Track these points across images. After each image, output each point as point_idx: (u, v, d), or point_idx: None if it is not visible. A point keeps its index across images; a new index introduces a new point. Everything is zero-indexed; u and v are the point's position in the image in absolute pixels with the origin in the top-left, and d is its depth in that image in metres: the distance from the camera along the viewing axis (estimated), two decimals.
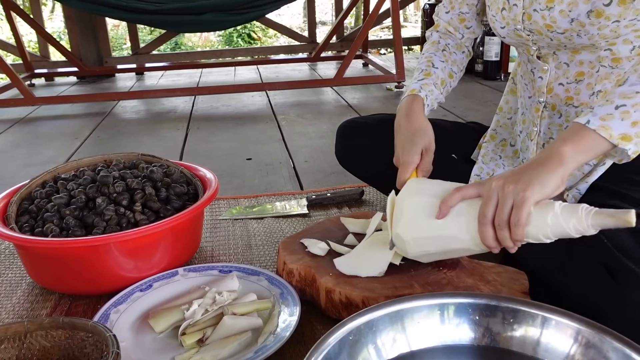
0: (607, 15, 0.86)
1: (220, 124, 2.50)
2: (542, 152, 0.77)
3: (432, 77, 1.10)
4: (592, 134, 0.74)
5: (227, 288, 0.98)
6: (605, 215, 0.69)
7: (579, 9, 0.87)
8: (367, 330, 0.71)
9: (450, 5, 1.17)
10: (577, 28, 0.89)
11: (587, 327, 0.67)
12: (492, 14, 1.03)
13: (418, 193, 0.88)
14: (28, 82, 3.45)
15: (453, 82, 1.15)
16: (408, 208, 0.86)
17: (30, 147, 2.22)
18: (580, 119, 0.76)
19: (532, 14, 0.94)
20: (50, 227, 1.04)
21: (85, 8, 2.97)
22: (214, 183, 1.18)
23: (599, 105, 0.75)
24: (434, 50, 1.15)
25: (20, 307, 1.04)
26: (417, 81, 1.09)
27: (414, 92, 1.07)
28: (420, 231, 0.85)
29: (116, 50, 6.55)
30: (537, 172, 0.74)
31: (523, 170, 0.75)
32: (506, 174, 0.76)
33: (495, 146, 1.18)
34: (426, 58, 1.14)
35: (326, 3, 8.13)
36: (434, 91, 1.09)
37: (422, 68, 1.12)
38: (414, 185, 0.91)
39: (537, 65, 1.01)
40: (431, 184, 0.90)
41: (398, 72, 2.96)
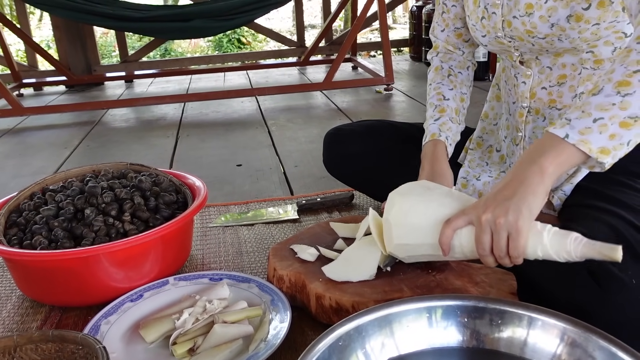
0: (587, 18, 0.87)
1: (210, 131, 2.50)
2: (520, 166, 0.76)
3: (447, 112, 1.11)
4: (571, 148, 0.72)
5: (218, 296, 0.98)
6: (594, 249, 0.71)
7: (558, 13, 0.88)
8: (356, 335, 0.71)
9: (444, 24, 1.17)
10: (558, 32, 0.90)
11: (573, 327, 0.68)
12: (472, 24, 1.04)
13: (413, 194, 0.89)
14: (16, 92, 3.44)
15: (466, 104, 1.16)
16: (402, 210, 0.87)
17: (20, 158, 2.21)
18: (557, 130, 0.73)
19: (512, 20, 0.95)
20: (38, 240, 1.03)
21: (72, 17, 2.97)
22: (203, 191, 1.18)
23: (576, 118, 0.73)
24: (440, 79, 1.16)
25: (10, 320, 1.03)
26: (434, 121, 1.10)
27: (435, 136, 1.08)
28: (415, 239, 0.86)
29: (105, 58, 6.52)
30: (522, 195, 0.73)
31: (508, 196, 0.74)
32: (491, 201, 0.75)
33: (482, 153, 1.18)
34: (435, 90, 1.15)
35: (315, 6, 8.15)
36: (452, 128, 1.10)
37: (435, 104, 1.13)
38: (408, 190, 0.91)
39: (520, 71, 1.02)
40: (421, 188, 0.91)
41: (387, 74, 2.97)
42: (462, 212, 0.80)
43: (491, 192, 0.78)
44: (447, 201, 0.85)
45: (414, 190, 0.89)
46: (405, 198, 0.87)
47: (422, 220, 0.84)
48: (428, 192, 0.88)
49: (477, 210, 0.77)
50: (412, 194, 0.88)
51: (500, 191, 0.76)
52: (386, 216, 0.89)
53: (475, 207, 0.78)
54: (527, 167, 0.74)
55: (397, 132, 1.29)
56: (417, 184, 0.93)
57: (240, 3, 2.97)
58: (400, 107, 2.77)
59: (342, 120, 2.53)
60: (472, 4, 1.03)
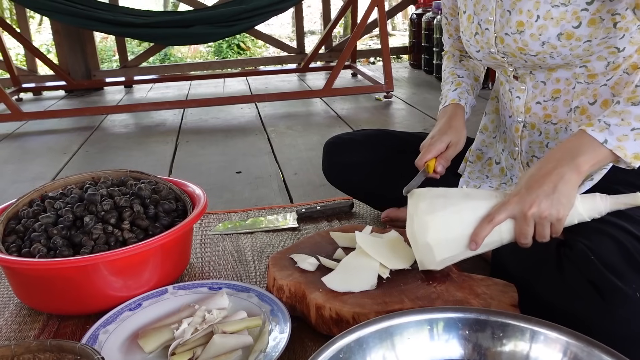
0: (578, 36, 0.87)
1: (210, 137, 2.50)
2: (558, 161, 0.81)
3: (463, 85, 1.17)
4: (607, 152, 0.79)
5: (217, 306, 0.98)
6: (618, 202, 0.84)
7: (548, 32, 0.89)
8: (357, 347, 0.71)
9: (448, 34, 1.23)
10: (550, 50, 0.90)
11: (576, 341, 0.67)
12: (466, 39, 1.06)
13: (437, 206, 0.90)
14: (16, 96, 3.43)
15: (478, 85, 1.22)
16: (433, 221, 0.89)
17: (19, 163, 2.21)
18: (596, 134, 0.80)
19: (504, 37, 0.95)
20: (37, 247, 1.03)
21: (73, 23, 2.97)
22: (203, 199, 1.17)
23: (615, 124, 0.79)
24: (453, 63, 1.23)
25: (7, 328, 1.03)
26: (453, 91, 1.16)
27: (455, 101, 1.14)
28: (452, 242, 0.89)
29: (105, 63, 6.52)
30: (563, 191, 0.80)
31: (549, 191, 0.80)
32: (534, 197, 0.80)
33: (482, 166, 1.19)
34: (449, 72, 1.22)
35: (315, 12, 8.17)
36: (469, 98, 1.16)
37: (450, 80, 1.19)
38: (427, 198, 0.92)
39: (514, 86, 1.02)
40: (438, 193, 0.92)
41: (387, 82, 2.97)
42: (501, 207, 0.84)
43: (527, 184, 0.82)
44: (474, 204, 0.88)
45: (435, 204, 0.89)
46: (435, 216, 0.88)
47: (459, 231, 0.87)
48: (450, 201, 0.89)
49: (521, 206, 0.82)
50: (437, 209, 0.88)
51: (540, 186, 0.80)
52: (423, 240, 0.89)
53: (517, 202, 0.82)
54: (566, 164, 0.80)
55: (398, 142, 1.29)
56: (428, 195, 0.92)
57: (240, 10, 2.98)
58: (400, 114, 2.77)
59: (341, 127, 2.53)
60: (466, 20, 1.04)
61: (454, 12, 1.17)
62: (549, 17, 0.88)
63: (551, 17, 0.88)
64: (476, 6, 1.01)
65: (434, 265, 0.93)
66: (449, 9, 1.18)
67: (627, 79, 0.91)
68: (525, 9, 0.90)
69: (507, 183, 1.12)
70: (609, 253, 0.79)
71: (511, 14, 0.93)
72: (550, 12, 0.88)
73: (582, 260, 0.79)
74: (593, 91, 0.93)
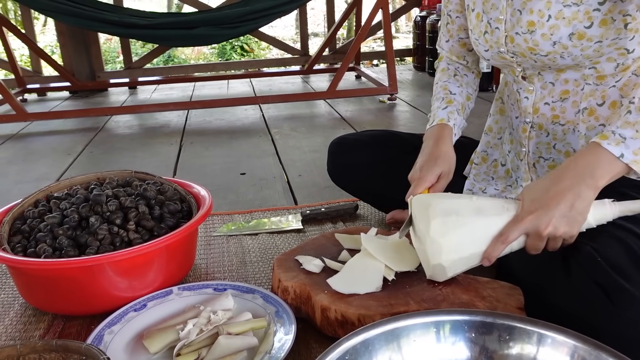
0: (589, 36, 0.87)
1: (214, 138, 2.50)
2: (573, 176, 0.80)
3: (454, 104, 1.13)
4: (623, 166, 0.79)
5: (222, 307, 0.98)
6: (626, 208, 0.84)
7: (560, 32, 0.88)
8: (363, 349, 0.70)
9: (448, 34, 1.19)
10: (560, 50, 0.90)
11: (583, 344, 0.67)
12: (474, 38, 1.05)
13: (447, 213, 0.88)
14: (20, 97, 3.44)
15: (471, 104, 1.19)
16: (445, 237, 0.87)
17: (23, 164, 2.21)
18: (612, 148, 0.79)
19: (515, 37, 0.95)
20: (43, 247, 1.03)
21: (78, 24, 2.98)
22: (208, 200, 1.17)
23: (631, 137, 0.79)
24: (447, 77, 1.19)
25: (13, 328, 1.03)
26: (442, 109, 1.12)
27: (443, 121, 1.11)
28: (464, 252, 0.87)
29: (109, 64, 6.54)
30: (579, 209, 0.80)
31: (565, 210, 0.80)
32: (550, 215, 0.80)
33: (487, 168, 1.18)
34: (442, 87, 1.18)
35: (318, 14, 8.18)
36: (458, 119, 1.13)
37: (441, 96, 1.16)
38: (432, 204, 0.90)
39: (522, 86, 1.02)
40: (449, 199, 0.90)
41: (390, 84, 2.97)
42: (514, 225, 0.83)
43: (543, 201, 0.81)
44: (487, 221, 0.86)
45: (448, 224, 0.86)
46: (448, 238, 0.86)
47: (472, 250, 0.87)
48: (463, 219, 0.86)
49: (536, 224, 0.81)
50: (450, 229, 0.86)
51: (557, 205, 0.80)
52: (437, 261, 0.89)
53: (533, 221, 0.81)
54: (583, 182, 0.80)
55: (402, 143, 1.29)
56: (438, 209, 0.88)
57: (244, 11, 2.98)
58: (404, 117, 2.77)
59: (345, 129, 2.53)
60: (475, 18, 1.03)
61: (461, 8, 1.13)
62: (560, 16, 0.88)
63: (563, 16, 0.87)
64: (485, 4, 1.00)
65: (443, 279, 0.93)
66: (455, 6, 1.14)
67: (635, 80, 0.91)
68: (536, 8, 0.90)
69: (512, 185, 1.12)
70: (616, 255, 0.78)
71: (522, 14, 0.93)
72: (562, 12, 0.87)
73: (589, 262, 0.79)
74: (602, 92, 0.93)
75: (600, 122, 0.94)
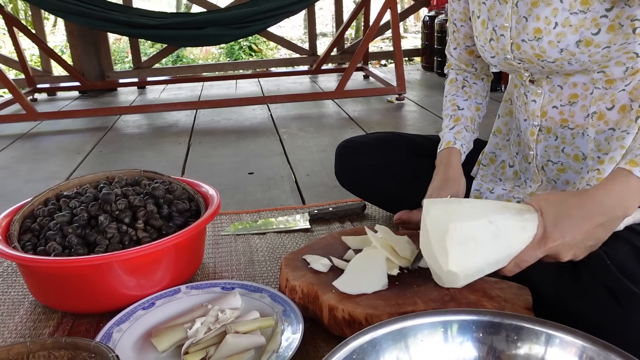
0: (597, 43, 0.86)
1: (222, 138, 2.51)
2: (604, 212, 0.77)
3: (462, 121, 1.15)
4: None
5: (230, 306, 0.98)
6: None
7: (567, 39, 0.88)
8: (370, 349, 0.70)
9: (455, 42, 1.19)
10: (568, 57, 0.89)
11: (592, 345, 0.67)
12: (480, 44, 1.04)
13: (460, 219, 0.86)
14: (30, 97, 3.47)
15: (481, 113, 1.20)
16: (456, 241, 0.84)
17: (33, 163, 2.23)
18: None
19: (521, 44, 0.94)
20: (52, 246, 1.04)
21: (88, 24, 3.00)
22: (216, 199, 1.18)
23: None
24: (455, 90, 1.20)
25: (22, 326, 1.04)
26: (450, 130, 1.14)
27: (450, 144, 1.13)
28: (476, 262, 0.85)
29: (118, 64, 6.58)
30: (604, 237, 0.79)
31: (589, 241, 0.79)
32: (573, 245, 0.79)
33: (495, 169, 1.18)
34: (450, 102, 1.19)
35: (327, 14, 8.18)
36: (467, 136, 1.14)
37: (450, 114, 1.17)
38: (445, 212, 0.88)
39: (530, 89, 1.01)
40: (466, 222, 0.85)
41: (399, 84, 2.97)
42: (533, 250, 0.81)
43: (568, 232, 0.79)
44: (505, 245, 0.83)
45: (467, 252, 0.84)
46: (466, 267, 0.85)
47: (487, 271, 0.86)
48: (481, 247, 0.83)
49: (556, 252, 0.80)
50: (469, 259, 0.84)
51: (583, 240, 0.79)
52: (452, 285, 0.89)
53: (553, 249, 0.80)
54: (613, 214, 0.77)
55: (409, 145, 1.29)
56: (456, 237, 0.84)
57: (252, 12, 2.99)
58: (412, 117, 2.76)
59: (353, 129, 2.53)
60: (481, 25, 1.03)
61: (465, 16, 1.13)
62: (567, 24, 0.87)
63: (570, 24, 0.87)
64: (490, 11, 0.99)
65: (456, 286, 0.92)
66: (460, 14, 1.14)
67: None
68: (542, 15, 0.89)
69: (520, 186, 1.11)
70: (626, 258, 0.78)
71: (528, 21, 0.92)
72: (569, 19, 0.87)
73: (598, 265, 0.79)
74: (611, 96, 0.92)
75: (610, 126, 0.93)
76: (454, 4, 1.14)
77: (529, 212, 0.84)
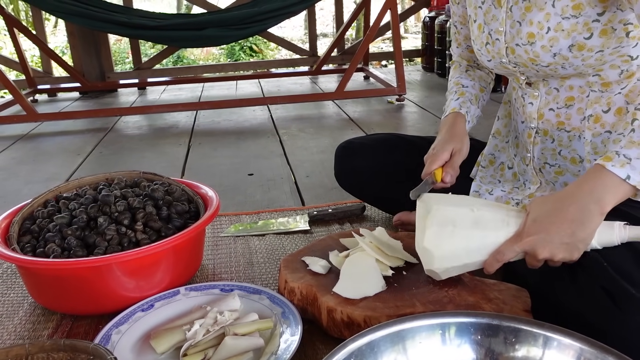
0: (590, 47, 0.86)
1: (222, 139, 2.51)
2: (580, 200, 0.77)
3: (467, 95, 1.16)
4: (630, 188, 0.76)
5: (229, 307, 0.98)
6: (636, 233, 0.80)
7: (560, 44, 0.88)
8: (368, 351, 0.70)
9: (457, 42, 1.22)
10: (561, 61, 0.90)
11: (590, 347, 0.67)
12: (477, 48, 1.05)
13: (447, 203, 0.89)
14: (31, 98, 3.47)
15: (485, 96, 1.21)
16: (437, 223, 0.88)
17: (33, 164, 2.23)
18: (617, 170, 0.75)
19: (515, 48, 0.95)
20: (51, 248, 1.04)
21: (89, 25, 3.00)
22: (215, 201, 1.18)
23: (637, 158, 0.75)
24: (459, 73, 1.22)
25: (22, 327, 1.04)
26: (455, 100, 1.15)
27: (455, 110, 1.13)
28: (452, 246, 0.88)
29: (119, 65, 6.58)
30: (581, 237, 0.77)
31: (565, 238, 0.77)
32: (549, 240, 0.78)
33: (494, 171, 1.18)
34: (454, 82, 1.21)
35: (327, 15, 8.19)
36: (472, 107, 1.14)
37: (454, 90, 1.18)
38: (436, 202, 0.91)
39: (527, 92, 1.02)
40: (451, 207, 0.90)
41: (399, 85, 2.97)
42: (511, 244, 0.82)
43: (543, 225, 0.79)
44: (483, 234, 0.85)
45: (442, 234, 0.87)
46: (440, 247, 0.87)
47: (465, 260, 0.88)
48: (459, 232, 0.86)
49: (532, 247, 0.80)
50: (444, 239, 0.87)
51: (557, 231, 0.78)
52: (429, 267, 0.91)
53: (530, 243, 0.80)
54: (586, 207, 0.77)
55: (408, 146, 1.29)
56: (436, 218, 0.89)
57: (253, 12, 2.99)
58: (412, 117, 2.76)
59: (353, 130, 2.53)
60: (477, 29, 1.04)
61: (464, 20, 1.16)
62: (559, 28, 0.87)
63: (562, 28, 0.87)
64: (486, 15, 1.00)
65: (439, 279, 0.94)
66: (459, 17, 1.17)
67: None
68: (535, 20, 0.90)
69: (519, 188, 1.11)
70: (623, 259, 0.78)
71: (521, 25, 0.92)
72: (561, 24, 0.87)
73: (595, 267, 0.79)
74: (607, 99, 0.92)
75: (606, 128, 0.93)
76: (454, 7, 1.16)
77: (518, 211, 0.87)
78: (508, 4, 0.94)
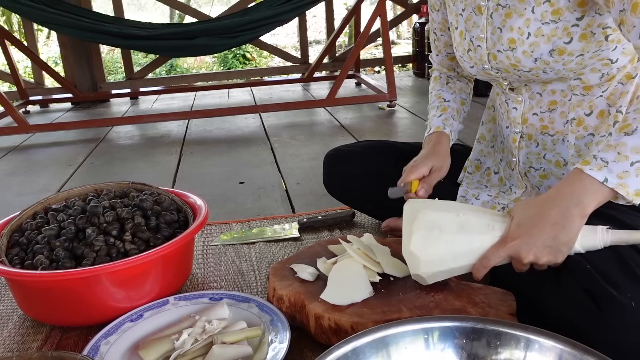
0: (570, 51, 0.88)
1: (214, 148, 2.51)
2: (560, 204, 0.77)
3: (449, 111, 1.17)
4: (608, 190, 0.75)
5: (217, 316, 0.98)
6: (619, 238, 0.81)
7: (540, 49, 0.89)
8: (353, 357, 0.71)
9: (437, 50, 1.24)
10: (542, 66, 0.91)
11: (571, 349, 0.68)
12: (459, 55, 1.07)
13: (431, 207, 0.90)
14: (23, 109, 3.47)
15: (466, 108, 1.22)
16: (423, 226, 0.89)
17: (25, 176, 2.23)
18: (595, 173, 0.75)
19: (497, 54, 0.96)
20: (40, 259, 1.04)
21: (80, 36, 3.01)
22: (204, 210, 1.18)
23: (613, 161, 0.74)
24: (440, 86, 1.23)
25: (11, 340, 1.04)
26: (438, 118, 1.17)
27: (439, 129, 1.15)
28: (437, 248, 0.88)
29: (112, 74, 6.59)
30: (564, 240, 0.78)
31: (548, 241, 0.78)
32: (532, 244, 0.78)
33: (481, 176, 1.19)
34: (436, 95, 1.22)
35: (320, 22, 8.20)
36: (454, 124, 1.16)
37: (436, 105, 1.20)
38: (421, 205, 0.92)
39: (511, 97, 1.03)
40: (437, 212, 0.90)
41: (389, 91, 2.98)
42: (496, 249, 0.83)
43: (526, 229, 0.80)
44: (468, 238, 0.86)
45: (429, 238, 0.88)
46: (426, 252, 0.88)
47: (451, 265, 0.88)
48: (444, 237, 0.87)
49: (517, 251, 0.80)
50: (431, 244, 0.88)
51: (539, 234, 0.78)
52: (415, 272, 0.92)
53: (514, 247, 0.80)
54: (567, 210, 0.77)
55: (397, 153, 1.30)
56: (422, 223, 0.89)
57: (244, 21, 3.00)
58: (403, 123, 2.78)
59: (345, 137, 2.54)
60: (459, 36, 1.05)
61: (444, 27, 1.17)
62: (539, 34, 0.88)
63: (542, 34, 0.88)
64: (467, 22, 1.01)
65: (425, 284, 0.95)
66: (439, 24, 1.18)
67: (622, 89, 0.91)
68: (515, 26, 0.91)
69: (505, 192, 1.12)
70: (605, 262, 0.79)
71: (502, 32, 0.94)
72: (541, 29, 0.88)
73: (578, 269, 0.80)
74: (589, 102, 0.94)
75: (589, 131, 0.95)
76: (433, 14, 1.17)
77: (503, 216, 0.87)
78: (488, 10, 0.96)
